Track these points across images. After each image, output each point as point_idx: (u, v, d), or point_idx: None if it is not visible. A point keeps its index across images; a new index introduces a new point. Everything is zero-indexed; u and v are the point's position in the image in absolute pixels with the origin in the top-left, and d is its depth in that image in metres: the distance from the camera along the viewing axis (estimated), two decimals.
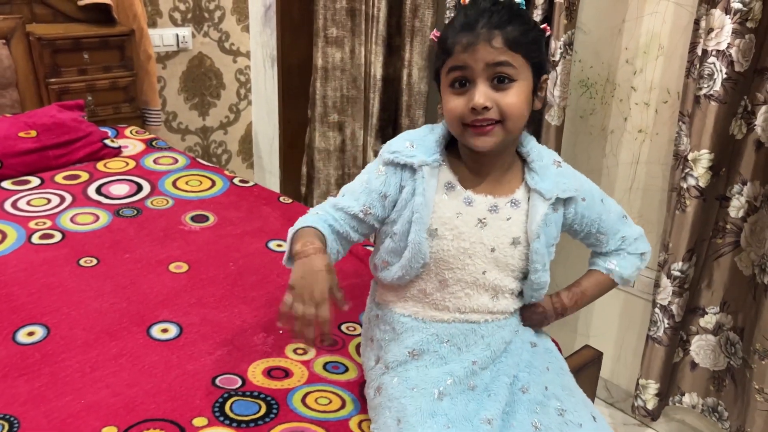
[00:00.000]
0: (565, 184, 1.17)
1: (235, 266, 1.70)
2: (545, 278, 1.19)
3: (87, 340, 1.40)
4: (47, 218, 1.90)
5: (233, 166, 3.40)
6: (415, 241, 1.12)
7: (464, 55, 1.05)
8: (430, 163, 1.13)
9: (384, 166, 1.16)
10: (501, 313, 1.19)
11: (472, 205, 1.14)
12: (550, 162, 1.18)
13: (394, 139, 1.18)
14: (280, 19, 3.01)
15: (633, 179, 2.01)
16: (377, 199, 1.16)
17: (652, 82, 1.91)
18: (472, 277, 1.15)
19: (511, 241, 1.15)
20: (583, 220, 1.22)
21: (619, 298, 2.12)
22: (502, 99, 1.06)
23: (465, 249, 1.14)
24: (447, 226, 1.14)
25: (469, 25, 1.05)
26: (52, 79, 2.49)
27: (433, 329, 1.17)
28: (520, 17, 1.08)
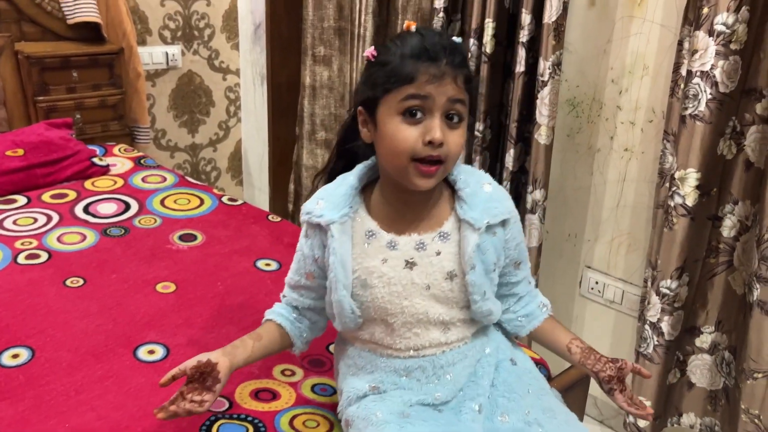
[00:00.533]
0: (496, 208, 1.12)
1: (223, 286, 1.70)
2: (487, 307, 1.14)
3: (72, 362, 1.38)
4: (33, 238, 1.88)
5: (222, 184, 3.40)
6: (336, 299, 1.12)
7: (430, 87, 1.01)
8: (337, 220, 1.10)
9: (307, 229, 1.17)
10: (457, 341, 1.16)
11: (397, 248, 1.11)
12: (478, 187, 1.13)
13: (310, 199, 1.17)
14: (269, 37, 3.02)
15: (620, 197, 2.02)
16: (312, 263, 1.17)
17: (637, 102, 1.93)
18: (415, 318, 1.13)
19: (446, 275, 1.12)
20: (513, 242, 1.17)
21: (609, 315, 2.13)
22: (451, 137, 1.04)
23: (399, 293, 1.11)
24: (375, 274, 1.11)
25: (433, 57, 1.02)
26: (40, 97, 2.49)
27: (391, 365, 1.15)
28: (467, 58, 1.09)
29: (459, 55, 1.05)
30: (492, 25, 2.03)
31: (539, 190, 2.05)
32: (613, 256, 2.08)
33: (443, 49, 1.03)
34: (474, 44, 2.10)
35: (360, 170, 1.15)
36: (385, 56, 1.05)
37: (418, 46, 1.03)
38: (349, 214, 1.12)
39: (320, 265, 1.16)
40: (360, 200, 1.14)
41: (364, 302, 1.13)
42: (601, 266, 2.12)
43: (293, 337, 1.22)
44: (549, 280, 2.26)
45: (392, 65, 1.03)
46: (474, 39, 2.10)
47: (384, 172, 1.12)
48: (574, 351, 1.20)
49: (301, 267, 1.19)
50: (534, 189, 2.05)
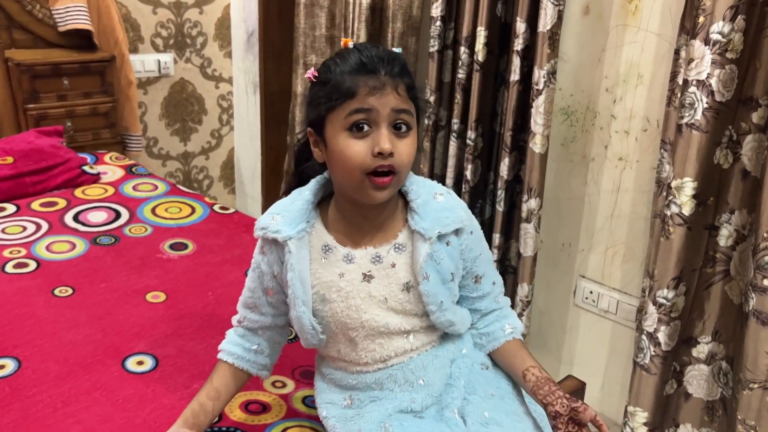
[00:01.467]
0: (447, 218, 1.11)
1: (214, 296, 1.67)
2: (446, 317, 1.11)
3: (60, 373, 1.36)
4: (22, 246, 1.86)
5: (215, 192, 3.37)
6: (295, 316, 1.11)
7: (371, 99, 1.01)
8: (294, 236, 1.08)
9: (263, 245, 1.15)
10: (423, 345, 1.15)
11: (354, 262, 1.11)
12: (430, 197, 1.12)
13: (264, 214, 1.15)
14: (262, 45, 3.01)
15: (614, 207, 2.01)
16: (271, 279, 1.14)
17: (631, 111, 1.92)
18: (376, 330, 1.11)
19: (402, 287, 1.11)
20: (470, 254, 1.15)
21: (605, 325, 2.12)
22: (400, 147, 1.03)
23: (357, 306, 1.10)
24: (332, 289, 1.10)
25: (371, 70, 1.02)
26: (30, 104, 2.47)
27: (363, 381, 1.14)
28: (408, 68, 1.07)
29: (398, 65, 1.04)
30: (484, 34, 2.02)
31: (534, 199, 2.03)
32: (607, 265, 2.07)
33: (381, 61, 1.03)
34: (465, 52, 2.09)
35: (315, 185, 1.14)
36: (325, 75, 1.05)
37: (356, 61, 1.03)
38: (306, 228, 1.10)
39: (279, 281, 1.14)
40: (316, 214, 1.13)
41: (324, 317, 1.11)
42: (596, 276, 2.10)
43: (253, 372, 1.19)
44: (543, 290, 2.24)
45: (332, 83, 1.03)
46: (465, 47, 2.09)
47: (338, 187, 1.11)
48: (529, 378, 1.13)
49: (259, 284, 1.16)
50: (529, 198, 2.04)
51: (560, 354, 2.25)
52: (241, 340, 1.20)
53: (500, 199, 2.14)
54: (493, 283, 1.22)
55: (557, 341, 2.25)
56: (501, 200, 2.14)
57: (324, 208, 1.14)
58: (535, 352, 2.27)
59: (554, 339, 2.26)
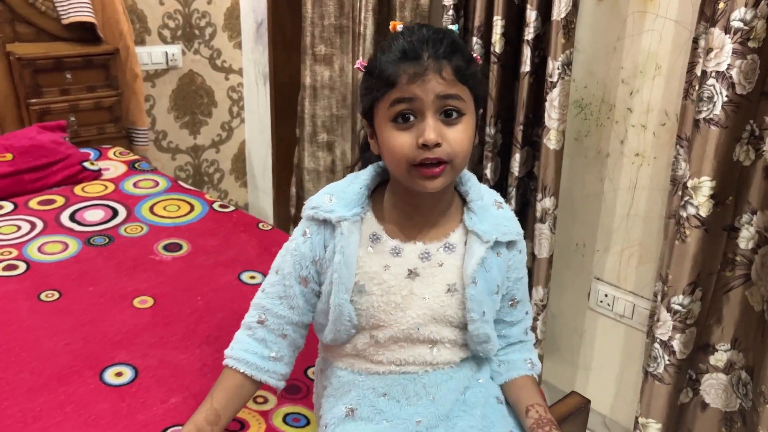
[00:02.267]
0: (506, 227, 1.07)
1: (203, 301, 1.61)
2: (485, 330, 1.06)
3: (34, 385, 1.30)
4: (14, 247, 1.82)
5: (226, 186, 3.32)
6: (335, 303, 1.03)
7: (412, 86, 0.95)
8: (349, 218, 1.03)
9: (307, 227, 1.07)
10: (444, 363, 1.08)
11: (401, 256, 1.04)
12: (490, 202, 1.09)
13: (316, 194, 1.09)
14: (271, 36, 2.93)
15: (631, 205, 1.90)
16: (309, 266, 1.07)
17: (649, 104, 1.80)
18: (405, 333, 1.05)
19: (446, 288, 1.05)
20: (514, 273, 1.11)
21: (620, 330, 2.01)
22: (451, 135, 0.96)
23: (397, 303, 1.04)
24: (374, 281, 1.04)
25: (413, 55, 0.95)
26: (33, 99, 2.43)
27: (370, 383, 1.07)
28: (463, 48, 0.99)
29: (444, 45, 0.95)
30: (501, 23, 1.91)
31: (549, 197, 1.93)
32: (623, 267, 1.95)
33: (424, 44, 0.95)
34: (478, 43, 1.98)
35: (371, 171, 1.09)
36: (372, 64, 1.00)
37: (399, 48, 0.97)
38: (361, 214, 1.05)
39: (317, 268, 1.07)
40: (369, 201, 1.08)
41: (358, 309, 1.05)
42: (611, 278, 1.99)
43: (272, 383, 1.11)
44: (556, 292, 2.14)
45: (376, 72, 0.98)
46: (477, 38, 1.98)
47: (393, 176, 1.05)
48: (531, 414, 1.08)
49: (294, 271, 1.08)
50: (543, 197, 1.93)
51: (574, 359, 2.15)
52: (259, 346, 1.10)
53: (512, 197, 2.03)
54: (526, 312, 1.17)
55: (571, 345, 2.14)
56: (512, 198, 2.03)
57: (377, 196, 1.09)
58: (549, 356, 2.18)
59: (568, 343, 2.15)
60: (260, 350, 1.10)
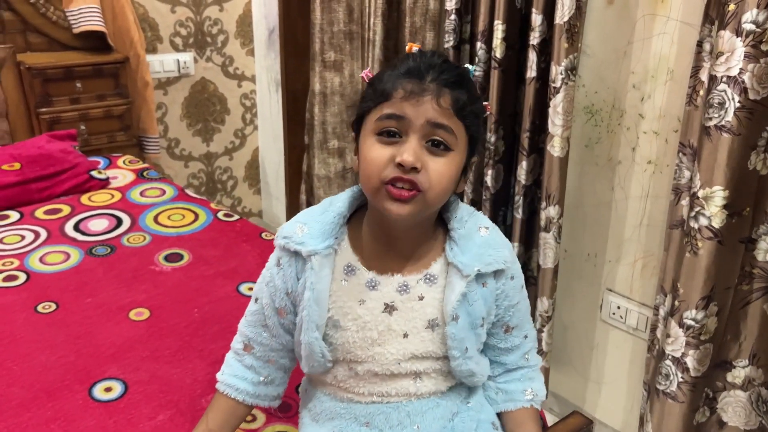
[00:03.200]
0: (490, 256, 0.99)
1: (200, 313, 1.59)
2: (467, 366, 1.00)
3: (23, 400, 1.29)
4: (16, 257, 1.81)
5: (239, 193, 3.31)
6: (305, 341, 0.99)
7: (406, 104, 0.90)
8: (320, 252, 0.97)
9: (280, 256, 1.03)
10: (429, 393, 1.03)
11: (377, 289, 0.99)
12: (474, 229, 1.01)
13: (289, 222, 1.04)
14: (282, 42, 2.92)
15: (643, 215, 1.83)
16: (284, 297, 1.03)
17: (661, 109, 1.73)
18: (384, 367, 1.00)
19: (426, 324, 0.99)
20: (505, 301, 1.03)
21: (633, 343, 1.94)
22: (432, 165, 0.90)
23: (373, 339, 0.98)
24: (349, 316, 0.98)
25: (417, 74, 0.91)
26: (43, 108, 2.44)
27: (352, 412, 1.02)
28: (470, 83, 0.94)
29: (450, 74, 0.91)
30: (502, 28, 1.86)
31: (553, 206, 1.87)
32: (636, 279, 1.89)
33: (431, 67, 0.91)
34: (482, 48, 1.93)
35: (348, 195, 1.03)
36: (376, 76, 0.97)
37: (406, 65, 0.93)
38: (334, 245, 0.99)
39: (292, 300, 1.03)
40: (345, 230, 1.02)
41: (333, 344, 1.00)
42: (624, 290, 1.92)
43: (264, 405, 1.10)
44: (568, 303, 2.08)
45: (377, 82, 0.94)
46: (482, 42, 1.94)
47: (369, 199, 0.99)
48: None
49: (271, 302, 1.04)
50: (548, 205, 1.88)
51: (586, 372, 2.08)
52: (248, 372, 1.08)
53: (518, 206, 1.98)
54: (525, 336, 1.09)
55: (582, 358, 2.08)
56: (519, 207, 1.98)
57: (355, 223, 1.03)
58: (560, 369, 2.12)
59: (579, 356, 2.09)
60: (250, 376, 1.08)
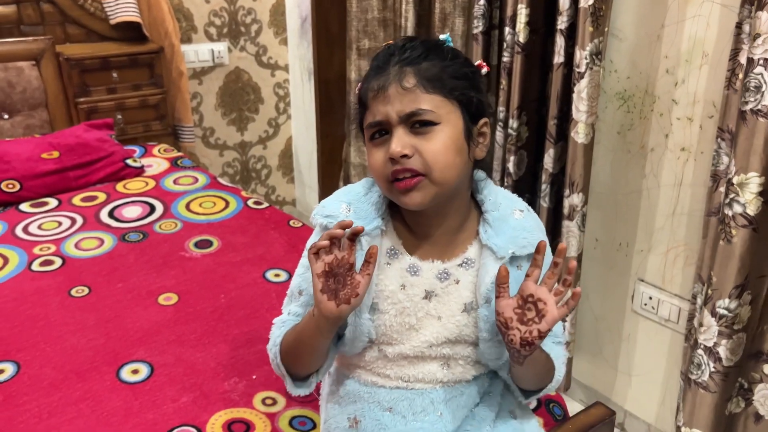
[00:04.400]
0: (525, 238, 0.98)
1: (226, 299, 1.61)
2: (498, 348, 0.99)
3: (54, 380, 1.33)
4: (53, 243, 1.87)
5: (273, 182, 3.34)
6: (354, 322, 0.98)
7: (377, 105, 0.91)
8: (369, 232, 0.97)
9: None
10: (455, 381, 1.02)
11: (418, 275, 0.99)
12: (509, 211, 1.00)
13: (328, 199, 1.03)
14: (315, 31, 2.92)
15: (676, 203, 1.78)
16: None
17: (695, 95, 1.68)
18: (416, 350, 0.99)
19: (462, 307, 0.98)
20: None
21: (664, 334, 1.90)
22: (423, 146, 0.90)
23: (411, 325, 0.99)
24: (389, 300, 0.98)
25: (381, 67, 0.92)
26: (81, 98, 2.50)
27: (375, 396, 1.02)
28: (439, 51, 0.93)
29: (414, 50, 0.91)
30: (525, 12, 1.83)
31: (577, 194, 1.84)
32: (668, 269, 1.84)
33: (392, 54, 0.92)
34: (510, 33, 1.91)
35: None
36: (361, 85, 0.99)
37: (375, 61, 0.95)
38: (381, 226, 0.99)
39: None
40: (388, 212, 1.02)
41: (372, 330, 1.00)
42: (656, 280, 1.88)
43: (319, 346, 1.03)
44: (599, 293, 2.04)
45: (359, 93, 0.97)
46: (510, 28, 1.91)
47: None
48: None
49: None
50: (571, 193, 1.84)
51: (616, 363, 2.04)
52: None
53: (545, 194, 1.95)
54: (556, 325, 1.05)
55: (614, 349, 2.04)
56: (546, 195, 1.95)
57: (394, 207, 1.03)
58: (590, 359, 2.09)
59: (610, 347, 2.05)
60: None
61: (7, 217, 2.02)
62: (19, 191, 2.11)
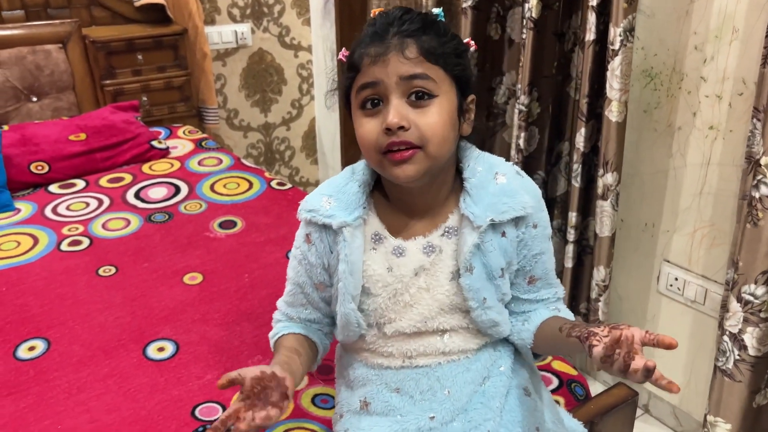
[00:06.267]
0: (505, 203, 0.96)
1: (250, 278, 1.63)
2: (488, 317, 0.99)
3: (83, 357, 1.36)
4: (80, 223, 1.90)
5: (297, 163, 3.35)
6: (342, 312, 0.99)
7: (374, 68, 0.89)
8: (350, 223, 0.97)
9: (308, 232, 1.02)
10: (457, 353, 1.02)
11: (404, 255, 0.99)
12: (489, 177, 0.97)
13: (311, 194, 1.04)
14: (338, 11, 2.91)
15: (703, 183, 1.75)
16: (321, 272, 1.03)
17: (725, 72, 1.65)
18: (412, 326, 1.00)
19: (450, 276, 0.98)
20: (527, 250, 1.01)
21: (689, 315, 1.88)
22: (420, 118, 0.89)
23: (406, 302, 0.99)
24: (380, 284, 0.99)
25: (379, 35, 0.90)
26: (107, 81, 2.52)
27: (382, 378, 1.03)
28: (436, 26, 0.92)
29: (413, 23, 0.90)
30: None
31: (611, 173, 1.82)
32: (695, 249, 1.82)
33: (391, 23, 0.90)
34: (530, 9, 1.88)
35: (367, 164, 1.02)
36: (350, 52, 0.97)
37: (368, 31, 0.93)
38: (363, 215, 0.99)
39: (329, 273, 1.04)
40: (369, 200, 1.02)
41: (365, 310, 1.01)
42: (682, 261, 1.86)
43: (316, 341, 1.08)
44: (623, 274, 2.02)
45: (348, 57, 0.96)
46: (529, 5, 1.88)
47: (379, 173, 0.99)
48: (564, 328, 0.93)
49: (308, 279, 1.05)
50: (605, 172, 1.82)
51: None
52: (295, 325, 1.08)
53: (576, 174, 1.93)
54: (555, 293, 1.06)
55: None
56: (578, 175, 1.93)
57: (377, 191, 1.03)
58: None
59: None
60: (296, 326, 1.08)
61: (36, 198, 2.06)
62: (47, 173, 2.15)
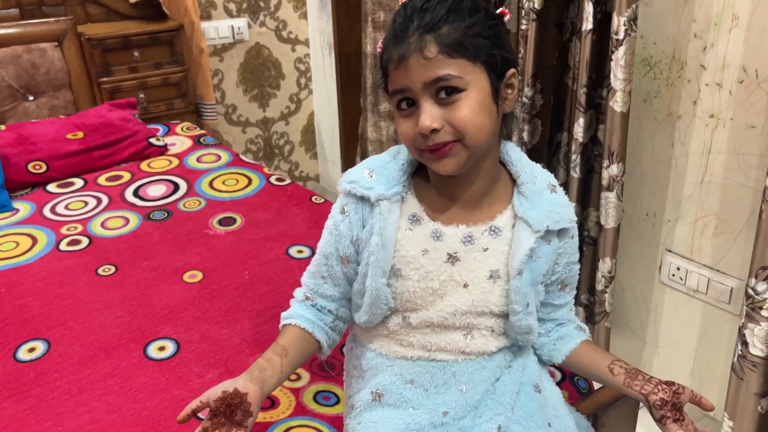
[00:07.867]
0: (558, 213, 0.99)
1: (250, 275, 1.62)
2: (527, 322, 1.00)
3: (83, 357, 1.36)
4: (79, 223, 1.89)
5: (296, 158, 3.34)
6: (372, 286, 0.98)
7: (398, 74, 0.89)
8: (389, 197, 0.97)
9: (345, 204, 1.02)
10: (477, 353, 1.01)
11: (441, 239, 0.98)
12: (543, 186, 1.00)
13: (355, 167, 1.03)
14: (335, 4, 2.89)
15: (705, 172, 1.74)
16: (349, 245, 1.02)
17: (725, 59, 1.63)
18: (440, 318, 0.99)
19: (489, 275, 0.98)
20: (565, 259, 1.04)
21: (693, 305, 1.87)
22: (451, 114, 0.89)
23: (434, 290, 0.98)
24: (411, 265, 0.98)
25: (399, 35, 0.89)
26: (103, 78, 2.51)
27: (397, 368, 1.02)
28: (459, 10, 0.89)
29: (431, 14, 0.88)
30: None
31: (616, 164, 1.80)
32: (696, 239, 1.81)
33: (412, 16, 0.89)
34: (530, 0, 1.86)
35: None
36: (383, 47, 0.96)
37: (392, 27, 0.92)
38: (402, 193, 0.99)
39: (356, 248, 1.02)
40: (411, 180, 1.02)
41: (393, 293, 1.00)
42: (684, 250, 1.85)
43: (320, 339, 1.07)
44: (625, 264, 2.01)
45: (380, 56, 0.96)
46: None
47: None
48: (618, 372, 1.02)
49: (335, 251, 1.03)
50: (610, 163, 1.81)
51: (644, 335, 2.02)
52: (307, 311, 1.07)
53: (575, 164, 1.92)
54: (575, 293, 1.12)
55: (641, 321, 2.02)
56: (576, 165, 1.92)
57: (420, 174, 1.03)
58: (617, 331, 2.07)
59: (637, 318, 2.03)
60: (308, 311, 1.07)
61: (34, 197, 2.05)
62: (45, 172, 2.14)
